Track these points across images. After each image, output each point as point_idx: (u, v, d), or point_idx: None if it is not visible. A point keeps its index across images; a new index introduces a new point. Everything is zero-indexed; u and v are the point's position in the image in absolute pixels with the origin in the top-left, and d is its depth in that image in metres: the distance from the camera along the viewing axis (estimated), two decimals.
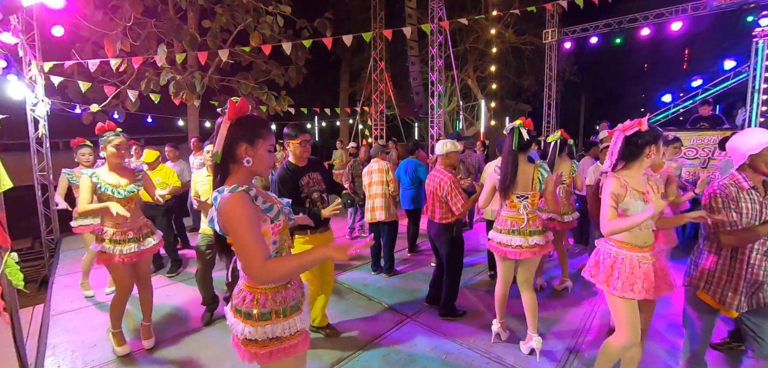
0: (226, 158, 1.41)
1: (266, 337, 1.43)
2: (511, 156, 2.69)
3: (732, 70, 12.41)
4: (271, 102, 8.81)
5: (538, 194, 2.76)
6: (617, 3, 8.47)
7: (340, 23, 12.19)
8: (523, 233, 2.72)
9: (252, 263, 1.28)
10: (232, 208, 1.30)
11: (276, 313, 1.44)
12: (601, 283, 2.13)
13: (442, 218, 3.31)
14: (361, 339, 3.16)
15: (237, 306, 1.47)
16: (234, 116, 1.40)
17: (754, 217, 1.97)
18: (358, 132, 13.60)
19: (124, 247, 2.81)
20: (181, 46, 7.53)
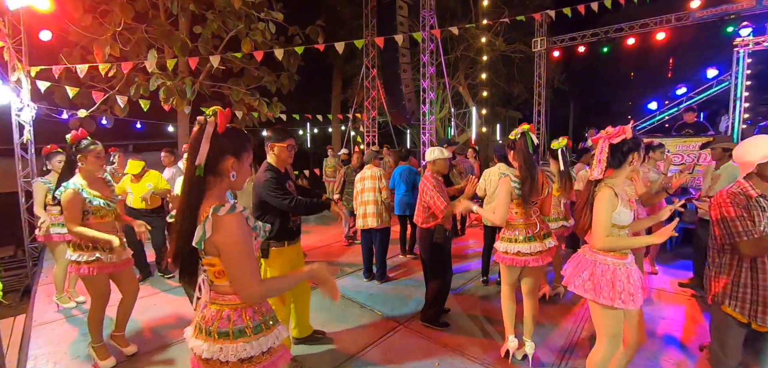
0: (207, 172, 1.32)
1: (227, 359, 1.32)
2: (531, 162, 2.61)
3: (714, 78, 12.76)
4: (263, 108, 8.77)
5: (542, 198, 2.77)
6: (604, 13, 8.66)
7: (332, 30, 12.23)
8: (538, 237, 2.68)
9: (250, 285, 1.28)
10: (234, 229, 1.27)
11: (245, 331, 1.37)
12: (588, 293, 2.06)
13: (423, 223, 3.32)
14: (352, 347, 3.14)
15: (199, 323, 1.38)
16: (225, 127, 1.33)
17: (765, 225, 1.94)
18: (350, 139, 13.60)
19: (113, 255, 2.76)
20: (172, 51, 7.48)
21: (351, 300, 4.06)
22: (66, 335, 3.38)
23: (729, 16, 9.97)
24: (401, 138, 17.48)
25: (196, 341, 1.36)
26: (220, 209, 1.26)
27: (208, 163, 1.31)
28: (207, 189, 1.33)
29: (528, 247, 2.65)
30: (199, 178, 1.30)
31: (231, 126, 1.37)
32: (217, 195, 1.34)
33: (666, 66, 20.90)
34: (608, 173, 2.07)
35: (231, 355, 1.32)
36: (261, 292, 1.33)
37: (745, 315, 2.00)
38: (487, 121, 17.15)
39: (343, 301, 4.06)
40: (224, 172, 1.34)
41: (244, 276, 1.28)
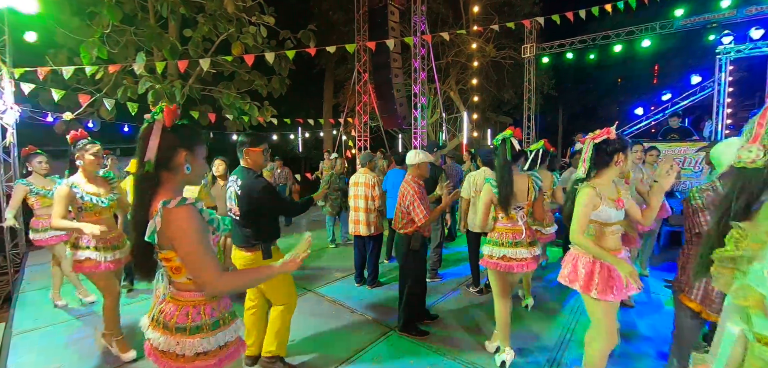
0: (159, 167, 1.34)
1: (182, 351, 1.36)
2: (507, 168, 2.63)
3: (698, 85, 13.08)
4: (254, 113, 8.71)
5: (530, 203, 2.75)
6: (591, 21, 8.83)
7: (324, 35, 12.25)
8: (523, 244, 2.67)
9: (207, 277, 1.28)
10: (183, 220, 1.27)
11: (205, 327, 1.39)
12: (581, 288, 2.17)
13: (401, 228, 3.20)
14: (343, 352, 3.11)
15: (156, 317, 1.41)
16: (173, 120, 1.36)
17: None
18: (341, 143, 13.58)
19: (108, 254, 2.82)
20: (161, 54, 7.39)
21: (342, 306, 4.03)
22: (48, 344, 3.28)
23: (711, 24, 10.26)
24: (393, 143, 17.51)
25: (153, 332, 1.40)
26: (169, 202, 1.26)
27: (160, 158, 1.33)
28: (161, 184, 1.35)
29: (513, 252, 2.67)
30: (150, 174, 1.32)
31: (181, 121, 1.40)
32: (170, 190, 1.35)
33: (651, 73, 21.37)
34: (597, 174, 2.17)
35: (187, 349, 1.35)
36: (222, 285, 1.33)
37: (698, 302, 2.10)
38: (478, 126, 17.29)
39: (334, 306, 4.03)
40: (177, 166, 1.36)
41: (202, 268, 1.28)
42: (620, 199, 2.15)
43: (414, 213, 3.06)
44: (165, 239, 1.29)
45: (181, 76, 7.79)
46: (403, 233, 3.20)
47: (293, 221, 9.01)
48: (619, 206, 2.13)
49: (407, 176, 3.25)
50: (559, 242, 6.05)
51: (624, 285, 2.09)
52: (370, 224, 4.41)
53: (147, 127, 1.34)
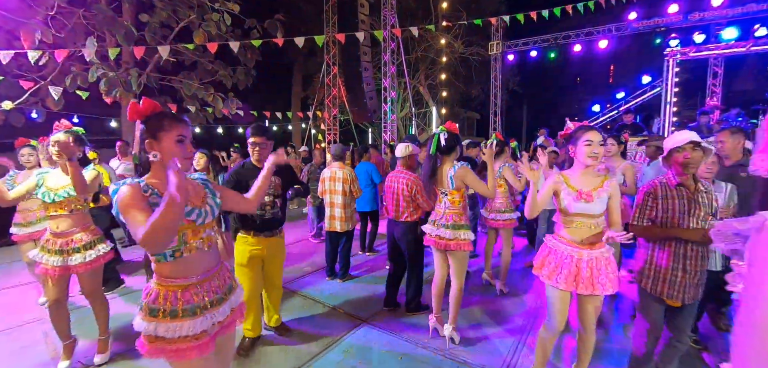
0: (143, 157, 1.51)
1: (150, 333, 1.45)
2: (430, 160, 2.97)
3: (648, 84, 14.01)
4: (218, 104, 8.37)
5: (455, 191, 2.89)
6: (554, 21, 9.22)
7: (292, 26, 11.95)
8: (435, 223, 2.98)
9: (137, 233, 1.31)
10: (121, 197, 1.38)
11: (163, 312, 1.45)
12: (536, 269, 2.32)
13: (408, 217, 3.37)
14: (315, 346, 3.09)
15: (142, 298, 1.53)
16: (136, 117, 1.47)
17: (682, 213, 2.12)
18: (310, 137, 13.37)
19: (51, 258, 2.56)
20: (115, 40, 6.92)
21: (313, 300, 3.99)
22: (8, 345, 3.02)
23: (660, 28, 11.01)
24: (363, 137, 17.46)
25: (140, 320, 1.49)
26: (120, 184, 1.42)
27: (140, 150, 1.50)
28: (150, 173, 1.53)
29: (428, 229, 3.02)
30: (138, 165, 1.53)
31: (154, 112, 1.49)
32: (153, 176, 1.52)
33: (607, 72, 22.64)
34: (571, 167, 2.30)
35: (148, 330, 1.45)
36: (144, 234, 1.26)
37: (655, 291, 2.22)
38: (446, 120, 17.63)
39: (306, 301, 3.98)
40: (150, 154, 1.48)
41: (133, 227, 1.33)
42: (588, 192, 2.12)
43: (421, 201, 3.28)
44: (118, 213, 1.40)
45: (138, 63, 7.34)
46: (409, 222, 3.38)
47: None
48: (579, 197, 2.12)
49: (399, 167, 3.44)
50: (523, 232, 6.33)
51: (576, 279, 2.12)
52: (347, 220, 4.37)
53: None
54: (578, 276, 2.14)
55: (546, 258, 2.28)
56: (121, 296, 4.08)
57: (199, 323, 1.48)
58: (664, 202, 2.18)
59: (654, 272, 2.24)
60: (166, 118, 1.48)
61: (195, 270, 1.53)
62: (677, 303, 2.19)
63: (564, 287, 2.16)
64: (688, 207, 2.13)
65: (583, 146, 2.14)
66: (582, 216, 2.16)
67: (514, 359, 2.89)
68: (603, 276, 2.14)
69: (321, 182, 4.48)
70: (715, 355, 2.91)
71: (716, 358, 2.87)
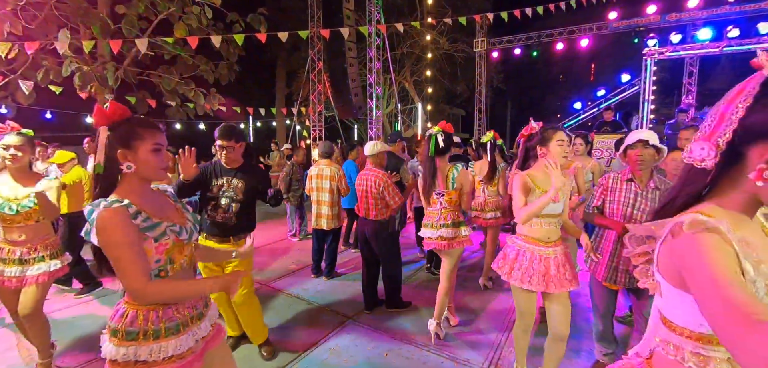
0: (110, 167, 1.33)
1: (128, 360, 1.29)
2: (429, 162, 2.91)
3: (628, 83, 14.38)
4: (199, 100, 8.17)
5: (453, 192, 2.91)
6: (537, 19, 9.35)
7: (276, 21, 11.76)
8: (434, 226, 2.94)
9: (131, 285, 1.22)
10: (106, 225, 1.22)
11: (144, 333, 1.30)
12: (505, 274, 2.27)
13: (377, 216, 3.37)
14: (300, 345, 3.06)
15: (109, 321, 1.36)
16: (103, 123, 1.33)
17: (627, 205, 2.32)
18: (295, 133, 13.22)
19: (7, 268, 2.35)
20: (90, 32, 6.66)
21: (298, 298, 3.95)
22: None
23: (639, 28, 11.31)
24: (348, 133, 17.38)
25: (107, 343, 1.33)
26: (100, 204, 1.24)
27: (106, 158, 1.32)
28: (120, 184, 1.35)
29: (428, 232, 2.97)
30: (101, 176, 1.33)
31: (122, 119, 1.35)
32: (126, 190, 1.33)
33: (589, 71, 23.13)
34: (529, 167, 2.34)
35: (125, 357, 1.29)
36: (147, 294, 1.23)
37: (597, 274, 2.45)
38: (432, 117, 17.66)
39: (290, 300, 3.94)
40: (122, 164, 1.33)
41: (124, 275, 1.22)
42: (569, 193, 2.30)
43: (389, 198, 3.28)
44: (99, 242, 1.24)
45: (115, 57, 7.10)
46: (380, 220, 3.37)
47: None
48: (560, 199, 2.13)
49: (368, 165, 3.42)
50: (507, 228, 6.41)
51: (545, 278, 2.16)
52: (334, 218, 4.33)
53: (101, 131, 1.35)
54: (547, 275, 2.16)
55: (515, 262, 2.24)
56: (96, 298, 3.95)
57: (184, 340, 1.38)
58: (612, 193, 2.38)
59: (594, 258, 2.47)
60: (140, 125, 1.36)
61: None
62: (616, 287, 2.41)
63: (536, 287, 2.16)
64: (634, 201, 2.30)
65: (557, 145, 2.14)
66: (549, 216, 2.19)
67: (498, 354, 2.93)
68: (568, 272, 2.20)
69: (308, 179, 4.43)
70: None
71: None
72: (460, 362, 2.81)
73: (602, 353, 2.63)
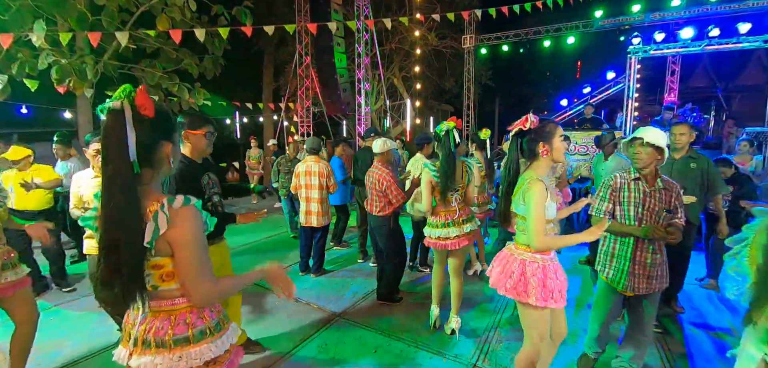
0: (143, 165, 1.16)
1: (208, 357, 1.26)
2: (451, 158, 2.78)
3: (613, 80, 14.62)
4: (184, 94, 7.97)
5: (468, 186, 2.92)
6: (525, 16, 9.42)
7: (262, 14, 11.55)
8: (457, 223, 2.88)
9: (206, 283, 1.19)
10: (193, 222, 1.17)
11: (210, 330, 1.29)
12: (537, 300, 1.88)
13: (380, 211, 3.45)
14: (288, 343, 3.02)
15: (145, 337, 1.21)
16: (151, 112, 1.16)
17: (638, 205, 2.24)
18: (283, 129, 13.05)
19: None
20: (68, 24, 6.42)
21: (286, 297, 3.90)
22: None
23: (623, 26, 11.52)
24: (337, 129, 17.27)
25: (142, 358, 1.20)
26: (173, 202, 1.14)
27: (140, 155, 1.13)
28: (145, 183, 1.18)
29: (445, 232, 2.88)
30: (135, 176, 1.12)
31: (157, 106, 1.19)
32: (156, 188, 1.22)
33: (575, 67, 23.45)
34: (533, 168, 1.96)
35: (194, 360, 1.22)
36: (216, 292, 1.25)
37: (607, 279, 2.36)
38: (420, 113, 17.68)
39: (277, 298, 3.88)
40: (162, 161, 1.22)
41: (201, 275, 1.19)
42: (556, 192, 2.06)
43: (391, 195, 3.35)
44: (163, 243, 1.15)
45: (94, 50, 6.87)
46: (382, 216, 3.46)
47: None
48: (558, 199, 2.05)
49: (376, 162, 3.51)
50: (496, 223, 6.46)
51: (560, 290, 1.93)
52: (324, 214, 4.30)
53: (114, 118, 1.10)
54: (557, 286, 1.93)
55: (546, 280, 1.88)
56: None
57: (232, 329, 1.39)
58: (620, 193, 2.30)
59: (606, 260, 2.39)
60: (174, 115, 1.36)
61: None
62: (628, 293, 2.30)
63: (562, 302, 1.92)
64: (643, 200, 2.24)
65: (561, 142, 1.91)
66: (554, 220, 1.96)
67: (487, 347, 2.93)
68: (563, 279, 1.98)
69: (295, 176, 4.36)
70: (670, 338, 3.08)
71: (671, 341, 3.04)
72: (449, 357, 2.81)
73: (592, 350, 2.61)
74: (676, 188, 2.26)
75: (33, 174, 3.83)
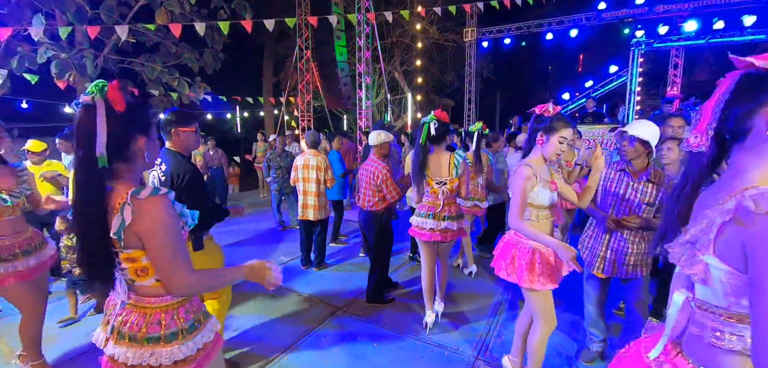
0: (113, 159, 1.15)
1: (177, 359, 1.25)
2: (420, 149, 2.85)
3: (615, 73, 14.51)
4: (184, 89, 7.96)
5: (455, 180, 2.87)
6: (527, 9, 9.32)
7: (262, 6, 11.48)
8: (437, 217, 2.86)
9: (180, 277, 1.20)
10: (160, 212, 1.15)
11: (182, 332, 1.28)
12: (526, 282, 2.02)
13: (372, 206, 3.36)
14: (289, 337, 3.02)
15: (120, 329, 1.24)
16: (123, 107, 1.15)
17: (616, 195, 2.34)
18: (283, 123, 13.02)
19: (19, 262, 2.24)
20: (67, 18, 6.40)
21: (288, 290, 3.90)
22: None
23: (627, 19, 11.39)
24: (338, 123, 17.23)
25: (117, 348, 1.23)
26: (140, 193, 1.13)
27: (112, 149, 1.13)
28: (117, 177, 1.18)
29: (423, 222, 2.90)
30: (103, 169, 1.12)
31: (131, 100, 1.19)
32: (130, 180, 1.21)
33: (577, 61, 23.28)
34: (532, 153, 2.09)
35: (164, 359, 1.22)
36: (193, 283, 1.23)
37: (587, 263, 2.48)
38: (422, 107, 17.60)
39: (279, 291, 3.89)
40: (135, 154, 1.21)
41: (175, 264, 1.18)
42: (554, 181, 2.06)
43: (386, 191, 3.25)
44: (132, 235, 1.15)
45: (94, 45, 6.85)
46: (375, 211, 3.36)
47: None
48: (552, 188, 2.04)
49: (372, 155, 3.40)
50: None
51: (549, 275, 2.02)
52: (321, 208, 4.29)
53: (84, 111, 1.11)
54: (547, 270, 2.03)
55: (536, 265, 2.01)
56: None
57: (209, 327, 1.38)
58: (605, 181, 2.41)
59: (586, 245, 2.51)
60: (150, 109, 1.33)
61: None
62: (602, 275, 2.42)
63: (556, 284, 2.05)
64: (623, 191, 2.32)
65: (557, 141, 1.96)
66: (550, 208, 2.06)
67: (487, 340, 2.94)
68: (555, 264, 2.07)
69: (294, 169, 4.36)
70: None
71: None
72: (449, 350, 2.81)
73: (593, 339, 2.63)
74: (666, 183, 2.27)
75: (46, 168, 3.84)
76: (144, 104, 1.28)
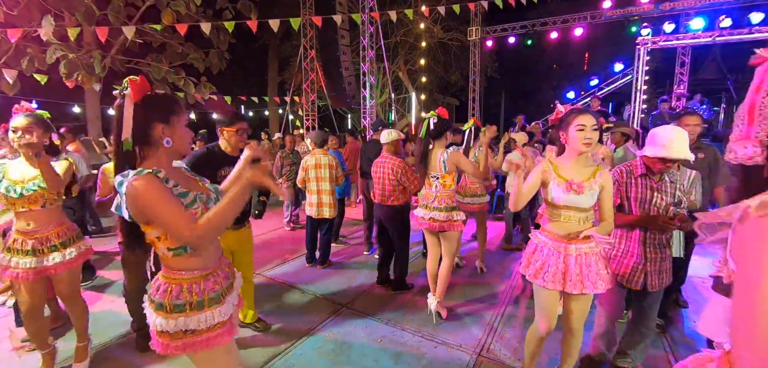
0: (140, 143, 1.34)
1: (178, 329, 1.37)
2: (421, 143, 3.10)
3: (621, 72, 14.43)
4: (190, 89, 8.05)
5: (448, 175, 3.02)
6: (531, 8, 9.29)
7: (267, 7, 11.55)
8: (427, 207, 3.08)
9: (183, 232, 1.25)
10: (143, 189, 1.23)
11: (190, 305, 1.38)
12: (522, 268, 2.15)
13: (394, 201, 3.51)
14: (294, 332, 3.06)
15: (151, 296, 1.42)
16: (141, 96, 1.32)
17: (644, 201, 2.17)
18: (288, 123, 13.09)
19: (22, 259, 2.23)
20: (75, 19, 6.49)
21: (293, 286, 3.95)
22: None
23: (633, 17, 11.30)
24: (342, 123, 17.28)
25: (158, 318, 1.38)
26: (128, 176, 1.24)
27: (137, 135, 1.32)
28: (143, 159, 1.36)
29: (420, 212, 3.14)
30: (129, 152, 1.31)
31: (152, 93, 1.37)
32: (155, 164, 1.35)
33: (582, 60, 23.13)
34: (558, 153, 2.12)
35: (151, 322, 1.39)
36: (200, 232, 1.27)
37: (616, 275, 2.27)
38: (426, 106, 17.62)
39: (285, 288, 3.93)
40: (156, 140, 1.35)
41: (172, 226, 1.25)
42: (579, 183, 1.94)
43: (407, 181, 3.40)
44: (137, 212, 1.28)
45: (101, 45, 6.93)
46: (395, 205, 3.52)
47: None
48: (569, 188, 1.94)
49: (384, 153, 3.57)
50: (500, 216, 6.45)
51: (564, 276, 1.97)
52: (334, 206, 4.36)
53: (118, 106, 1.31)
54: (567, 274, 1.97)
55: (532, 256, 2.11)
56: (90, 289, 3.91)
57: (225, 308, 1.47)
58: (626, 188, 2.22)
59: (615, 256, 2.30)
60: (175, 102, 1.42)
61: (211, 258, 1.49)
62: (637, 287, 2.23)
63: (551, 286, 2.00)
64: (650, 196, 2.17)
65: (576, 130, 1.90)
66: (570, 209, 1.97)
67: (491, 338, 2.95)
68: (592, 273, 1.97)
69: (303, 169, 4.36)
70: (675, 331, 3.07)
71: (676, 334, 3.03)
72: (453, 347, 2.83)
73: (599, 350, 2.54)
74: (678, 179, 2.21)
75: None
76: (161, 96, 1.40)
